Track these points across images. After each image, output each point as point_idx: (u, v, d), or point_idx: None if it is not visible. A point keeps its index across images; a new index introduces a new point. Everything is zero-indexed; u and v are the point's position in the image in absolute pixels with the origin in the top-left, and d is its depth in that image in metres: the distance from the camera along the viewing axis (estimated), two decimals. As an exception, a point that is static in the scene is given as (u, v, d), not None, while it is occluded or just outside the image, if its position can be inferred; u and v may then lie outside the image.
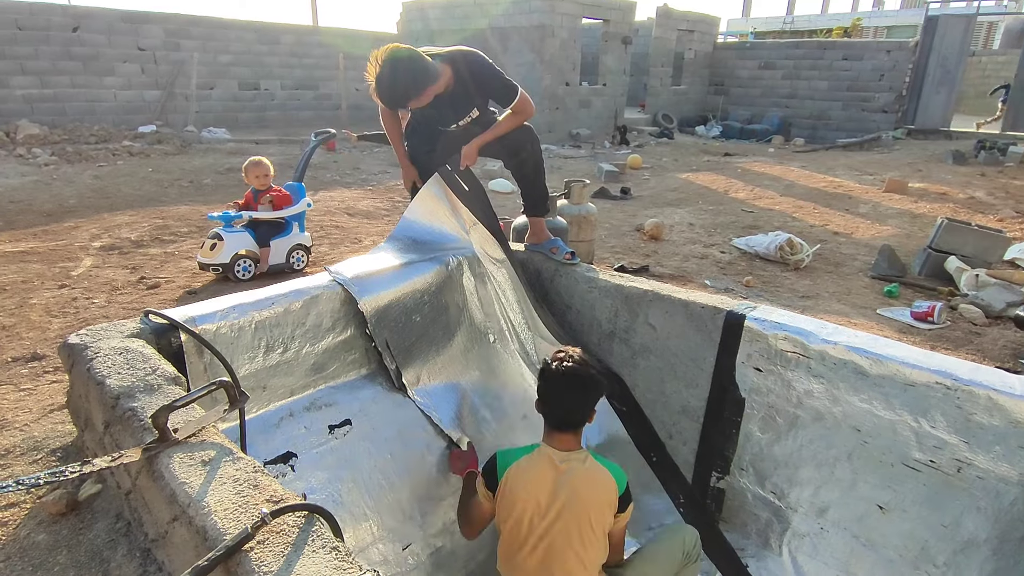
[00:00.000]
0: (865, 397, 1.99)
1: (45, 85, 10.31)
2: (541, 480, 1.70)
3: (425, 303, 2.54)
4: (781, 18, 31.22)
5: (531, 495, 1.69)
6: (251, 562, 1.04)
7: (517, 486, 1.71)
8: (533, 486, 1.70)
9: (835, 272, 5.10)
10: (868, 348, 1.99)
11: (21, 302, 3.51)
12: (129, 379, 1.61)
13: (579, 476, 1.69)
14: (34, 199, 6.25)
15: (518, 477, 1.72)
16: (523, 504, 1.69)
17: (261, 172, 4.23)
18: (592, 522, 1.67)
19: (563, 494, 1.67)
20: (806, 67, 16.12)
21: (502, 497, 1.74)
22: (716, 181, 9.29)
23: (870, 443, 2.00)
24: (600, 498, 1.69)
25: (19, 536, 1.65)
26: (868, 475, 2.01)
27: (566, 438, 1.75)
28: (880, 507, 1.98)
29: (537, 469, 1.72)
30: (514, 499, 1.70)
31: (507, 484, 1.73)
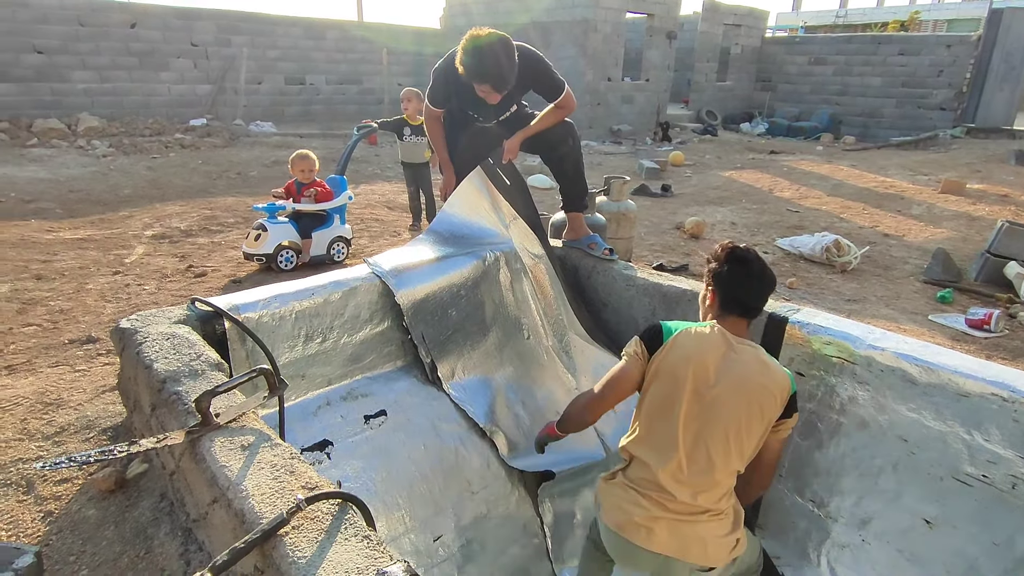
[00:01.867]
0: (914, 406, 1.91)
1: (104, 80, 10.75)
2: (713, 350, 1.58)
3: (461, 297, 2.55)
4: (833, 12, 30.18)
5: (701, 358, 1.57)
6: (286, 546, 1.06)
7: (687, 347, 1.59)
8: (705, 352, 1.58)
9: (884, 275, 4.91)
10: (918, 355, 1.91)
11: (78, 287, 3.67)
12: (175, 364, 1.67)
13: (753, 359, 1.59)
14: (92, 189, 6.52)
15: (689, 339, 1.61)
16: (689, 367, 1.56)
17: (307, 166, 4.33)
18: (761, 409, 1.55)
19: (735, 371, 1.56)
20: (859, 62, 15.54)
21: (664, 357, 1.60)
22: (760, 179, 9.06)
23: (918, 454, 1.92)
24: (772, 387, 1.57)
25: (71, 510, 1.73)
26: (914, 487, 1.93)
27: (739, 325, 1.66)
28: (927, 521, 1.90)
29: (710, 339, 1.61)
30: (679, 362, 1.58)
31: (675, 344, 1.61)
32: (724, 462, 1.54)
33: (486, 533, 2.24)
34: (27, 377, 2.52)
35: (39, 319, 3.17)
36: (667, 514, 1.53)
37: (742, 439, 1.55)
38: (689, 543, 1.52)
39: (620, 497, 1.60)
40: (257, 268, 4.20)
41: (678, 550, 1.52)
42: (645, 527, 1.53)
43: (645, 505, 1.55)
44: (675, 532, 1.53)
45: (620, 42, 12.91)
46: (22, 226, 4.98)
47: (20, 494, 1.79)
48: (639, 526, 1.54)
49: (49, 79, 10.18)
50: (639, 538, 1.53)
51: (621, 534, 1.56)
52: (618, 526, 1.57)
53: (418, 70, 14.88)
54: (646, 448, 1.59)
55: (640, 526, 1.53)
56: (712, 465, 1.54)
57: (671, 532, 1.52)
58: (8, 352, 2.77)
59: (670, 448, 1.55)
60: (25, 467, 1.90)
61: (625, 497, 1.59)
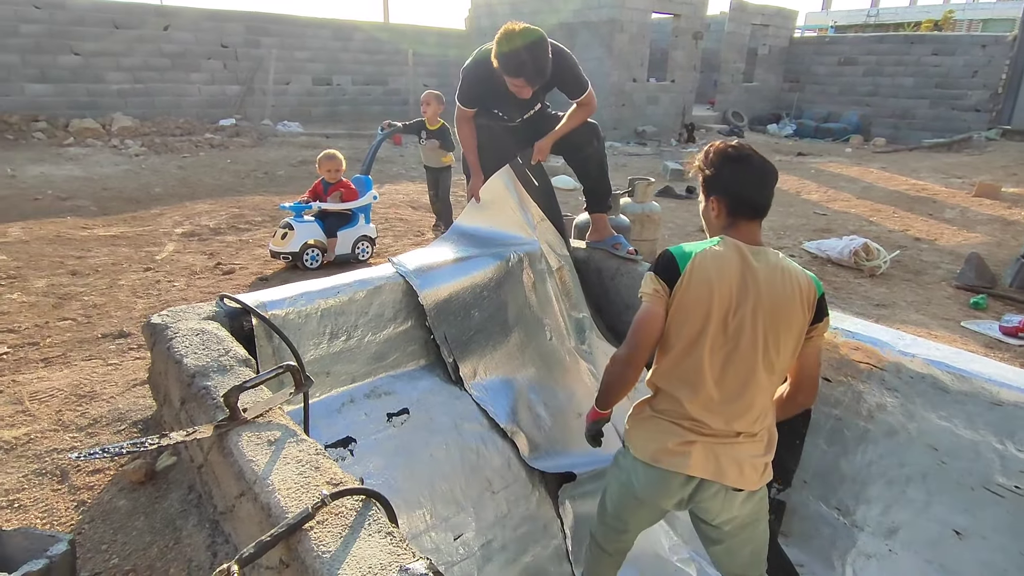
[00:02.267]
0: (944, 414, 1.87)
1: (137, 80, 11.01)
2: (732, 271, 1.50)
3: (484, 298, 2.56)
4: (865, 11, 29.58)
5: (722, 284, 1.49)
6: (311, 541, 1.08)
7: (705, 276, 1.50)
8: (724, 275, 1.49)
9: (915, 280, 4.80)
10: (950, 362, 1.87)
11: (111, 283, 3.77)
12: (204, 359, 1.71)
13: (774, 268, 1.51)
14: (125, 187, 6.68)
15: (705, 265, 1.51)
16: (711, 295, 1.48)
17: (334, 166, 4.39)
18: (789, 322, 1.49)
19: (756, 289, 1.48)
20: (890, 62, 15.23)
21: (684, 290, 1.51)
22: (787, 181, 8.93)
23: (948, 463, 1.88)
24: (796, 295, 1.50)
25: (103, 500, 1.77)
26: (944, 497, 1.89)
27: (752, 229, 1.57)
28: (956, 532, 1.86)
29: (727, 259, 1.51)
30: (700, 291, 1.49)
31: (692, 274, 1.51)
32: (756, 384, 1.50)
33: (506, 533, 2.25)
34: (62, 370, 2.60)
35: (74, 313, 3.26)
36: (702, 438, 1.51)
37: (772, 357, 1.50)
38: (725, 465, 1.50)
39: (651, 430, 1.57)
40: (284, 266, 4.26)
41: (715, 472, 1.50)
42: (681, 452, 1.50)
43: (678, 432, 1.52)
44: (711, 454, 1.50)
45: (646, 42, 12.83)
46: (58, 223, 5.13)
47: (55, 483, 1.85)
48: (674, 452, 1.51)
49: (85, 80, 10.46)
50: (675, 464, 1.51)
51: (657, 465, 1.53)
52: (653, 458, 1.54)
53: (443, 71, 14.96)
54: (673, 381, 1.55)
55: (675, 452, 1.51)
56: (744, 389, 1.50)
57: (707, 455, 1.50)
58: (45, 345, 2.86)
59: (698, 379, 1.51)
60: (60, 457, 1.95)
61: (656, 428, 1.56)
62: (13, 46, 9.73)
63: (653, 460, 1.54)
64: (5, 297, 3.44)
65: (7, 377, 2.52)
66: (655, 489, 1.57)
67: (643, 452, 1.57)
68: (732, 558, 1.67)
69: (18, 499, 1.78)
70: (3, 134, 9.07)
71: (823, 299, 1.58)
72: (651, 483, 1.57)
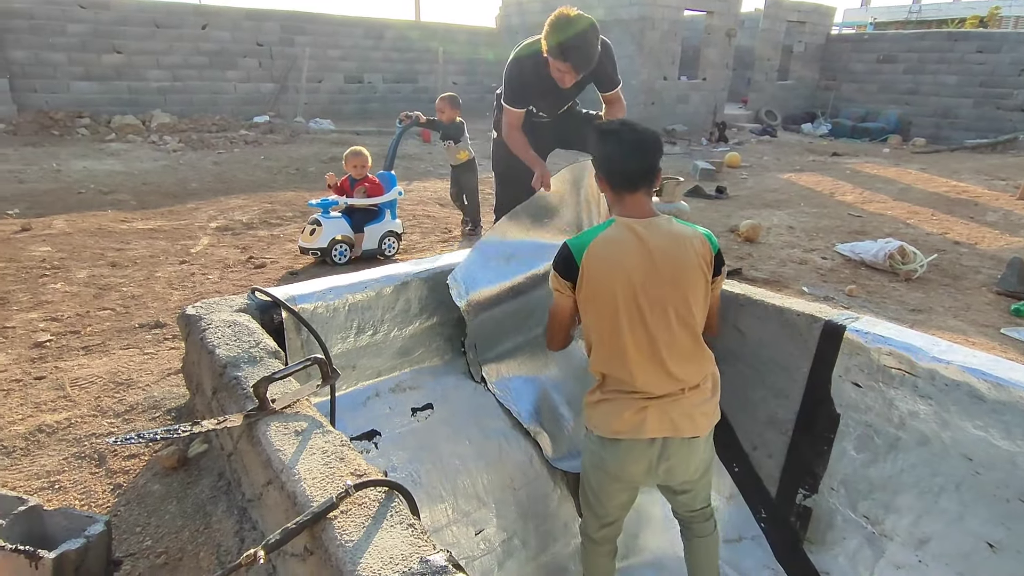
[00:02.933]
0: (980, 424, 1.81)
1: (176, 78, 11.30)
2: (627, 252, 1.57)
3: (511, 300, 2.56)
4: (906, 7, 28.73)
5: (621, 270, 1.56)
6: (334, 530, 1.10)
7: (603, 265, 1.58)
8: (620, 260, 1.57)
9: (953, 285, 4.66)
10: (988, 370, 1.81)
11: (148, 275, 3.88)
12: (235, 350, 1.75)
13: (667, 238, 1.59)
14: (163, 182, 6.87)
15: (600, 255, 1.59)
16: (613, 282, 1.56)
17: (360, 162, 4.44)
18: (694, 284, 1.59)
19: (656, 262, 1.56)
20: (932, 60, 14.76)
21: (586, 283, 1.60)
22: (821, 182, 8.74)
23: (983, 475, 1.83)
24: (694, 259, 1.60)
25: (138, 484, 1.83)
26: (978, 509, 1.84)
27: (638, 200, 1.63)
28: (990, 545, 1.80)
29: (620, 242, 1.59)
30: (601, 280, 1.58)
31: (589, 266, 1.60)
32: (680, 345, 1.62)
33: (527, 530, 2.25)
34: (101, 358, 2.69)
35: (113, 304, 3.37)
36: (651, 402, 1.62)
37: (686, 318, 1.62)
38: (678, 420, 1.63)
39: (606, 409, 1.68)
40: (313, 261, 4.33)
41: (671, 429, 1.63)
42: (637, 420, 1.62)
43: (629, 404, 1.63)
44: (663, 415, 1.62)
45: (677, 40, 12.69)
46: (100, 216, 5.30)
47: (93, 466, 1.92)
48: (630, 422, 1.63)
49: (127, 78, 10.78)
50: (635, 432, 1.63)
51: (619, 437, 1.65)
52: (614, 432, 1.65)
53: (472, 69, 15.02)
54: (609, 363, 1.66)
55: (631, 422, 1.63)
56: (671, 352, 1.61)
57: (660, 416, 1.62)
58: (85, 333, 2.96)
59: (628, 357, 1.61)
60: (98, 442, 2.03)
61: (610, 407, 1.67)
62: (60, 45, 10.08)
63: (615, 434, 1.66)
64: (49, 287, 3.57)
65: (50, 364, 2.62)
66: (623, 460, 1.68)
67: (604, 430, 1.68)
68: (694, 499, 1.84)
69: (59, 481, 1.85)
70: (50, 130, 9.40)
71: (719, 254, 1.70)
72: (618, 455, 1.68)
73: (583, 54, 2.46)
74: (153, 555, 1.58)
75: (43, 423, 2.13)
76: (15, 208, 5.38)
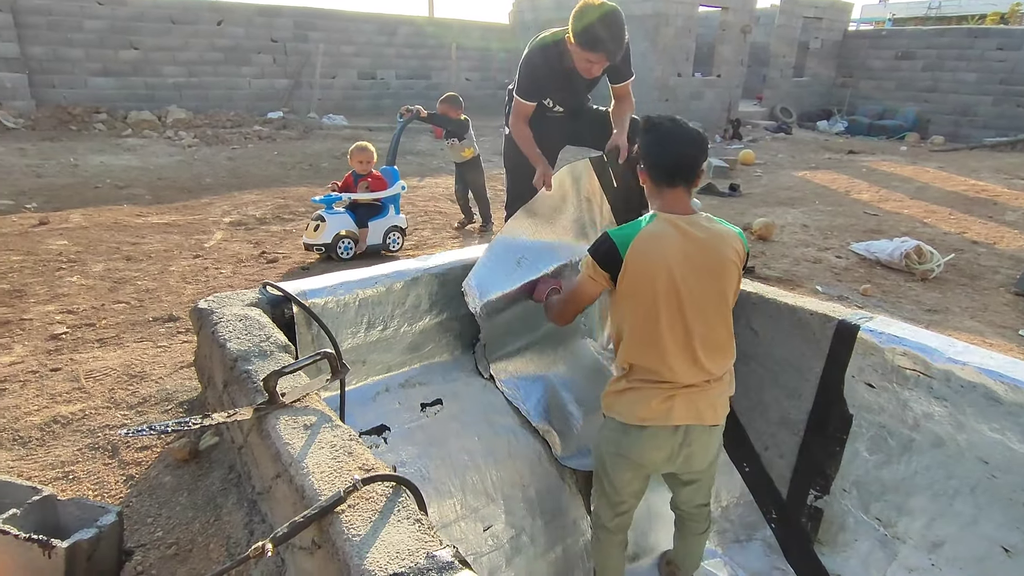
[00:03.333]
0: (997, 427, 1.78)
1: (192, 74, 11.39)
2: (670, 246, 1.62)
3: (522, 301, 2.55)
4: (926, 3, 28.30)
5: (663, 264, 1.61)
6: (342, 524, 1.10)
7: (647, 259, 1.62)
8: (663, 253, 1.62)
9: (970, 285, 4.59)
10: (1005, 372, 1.78)
11: (162, 269, 3.92)
12: (246, 344, 1.76)
13: (708, 234, 1.66)
14: (178, 177, 6.94)
15: (644, 249, 1.63)
16: (656, 276, 1.61)
17: (364, 157, 4.41)
18: (730, 279, 1.67)
19: (697, 255, 1.62)
20: (952, 57, 14.52)
21: (628, 276, 1.64)
22: (836, 180, 8.64)
23: (999, 478, 1.80)
24: (732, 256, 1.67)
25: (150, 476, 1.85)
26: (994, 513, 1.81)
27: (678, 196, 1.68)
28: (1005, 549, 1.78)
29: (663, 236, 1.63)
30: (645, 274, 1.62)
31: (633, 260, 1.63)
32: (714, 339, 1.69)
33: (536, 527, 2.25)
34: (115, 350, 2.72)
35: (127, 297, 3.41)
36: (679, 391, 1.67)
37: (723, 311, 1.69)
38: (702, 409, 1.69)
39: (634, 398, 1.71)
40: (320, 257, 4.35)
41: (695, 417, 1.69)
42: (665, 409, 1.67)
43: (658, 393, 1.67)
44: (690, 403, 1.68)
45: (692, 36, 12.59)
46: (116, 210, 5.36)
47: (106, 457, 1.94)
48: (658, 410, 1.67)
49: (143, 74, 10.89)
50: (662, 419, 1.67)
51: (645, 424, 1.69)
52: (640, 419, 1.69)
53: (485, 65, 15.00)
54: (643, 353, 1.69)
55: (659, 410, 1.67)
56: (704, 346, 1.66)
57: (687, 404, 1.67)
58: (100, 326, 3.00)
59: (663, 349, 1.65)
60: (111, 433, 2.05)
61: (638, 395, 1.70)
62: (78, 41, 10.19)
63: (641, 421, 1.69)
64: (66, 280, 3.62)
65: (65, 355, 2.66)
66: (646, 446, 1.72)
67: (630, 417, 1.71)
68: (699, 491, 1.90)
69: (72, 471, 1.87)
70: (67, 125, 9.52)
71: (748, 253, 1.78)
72: (642, 442, 1.72)
73: (615, 38, 2.43)
74: (164, 546, 1.59)
75: (58, 414, 2.16)
76: (33, 202, 5.46)
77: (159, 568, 1.53)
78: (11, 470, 1.86)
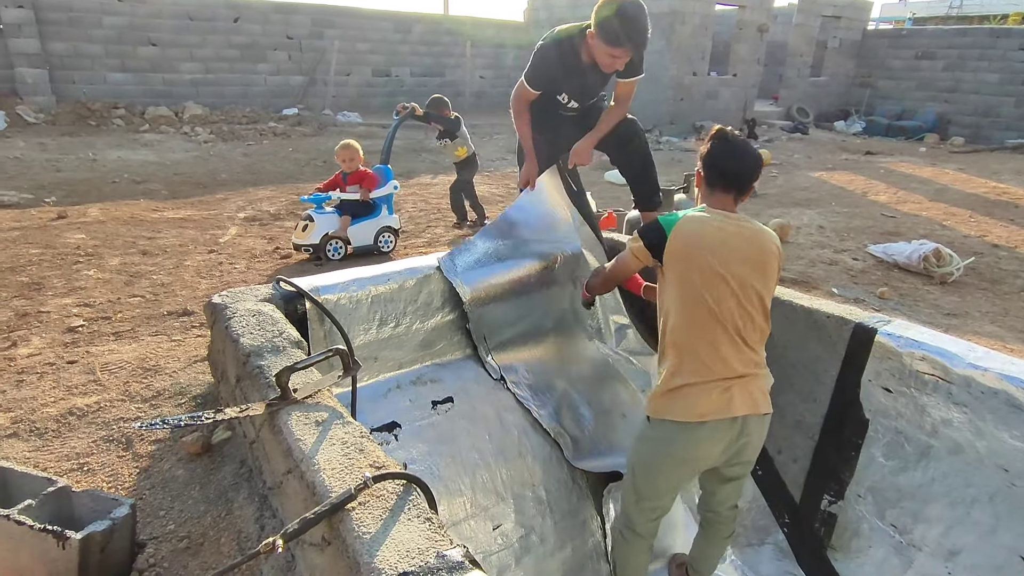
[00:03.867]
0: (1018, 434, 1.75)
1: (208, 71, 11.48)
2: (713, 232, 1.72)
3: (525, 299, 2.55)
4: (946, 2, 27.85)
5: (706, 242, 1.70)
6: (352, 521, 1.10)
7: (690, 238, 1.72)
8: (711, 234, 1.71)
9: (991, 289, 4.51)
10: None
11: (177, 263, 3.95)
12: (259, 339, 1.77)
13: (748, 227, 1.75)
14: (194, 172, 7.00)
15: (692, 227, 1.74)
16: (697, 254, 1.70)
17: (348, 155, 4.33)
18: (771, 269, 1.73)
19: (739, 245, 1.71)
20: (973, 57, 14.28)
21: (672, 251, 1.74)
22: (854, 181, 8.53)
23: (1019, 487, 1.76)
24: (772, 248, 1.75)
25: (163, 469, 1.87)
26: (1013, 522, 1.77)
27: (727, 201, 1.79)
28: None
29: (705, 221, 1.74)
30: (686, 250, 1.72)
31: (681, 235, 1.73)
32: (758, 327, 1.72)
33: (545, 526, 2.24)
34: (131, 344, 2.75)
35: (143, 291, 3.44)
36: (735, 382, 1.68)
37: (763, 298, 1.72)
38: (757, 397, 1.71)
39: (691, 395, 1.69)
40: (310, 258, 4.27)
41: (752, 406, 1.69)
42: (724, 401, 1.66)
43: (715, 387, 1.67)
44: (746, 392, 1.69)
45: (708, 35, 12.48)
46: (132, 205, 5.42)
47: (120, 450, 1.96)
48: (718, 403, 1.66)
49: (161, 70, 10.99)
50: (723, 412, 1.66)
51: (706, 420, 1.67)
52: (700, 415, 1.67)
53: (499, 62, 14.98)
54: (695, 339, 1.71)
55: (719, 403, 1.67)
56: (751, 334, 1.70)
57: (743, 394, 1.68)
58: (116, 320, 3.03)
59: (713, 331, 1.68)
60: (126, 426, 2.07)
61: (696, 392, 1.69)
62: (98, 37, 10.31)
63: (701, 417, 1.67)
64: (83, 273, 3.66)
65: (82, 348, 2.69)
66: (707, 442, 1.71)
67: (690, 415, 1.69)
68: (737, 489, 1.89)
69: (87, 463, 1.89)
70: (86, 120, 9.64)
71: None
72: (700, 440, 1.70)
73: (639, 32, 2.40)
74: (176, 539, 1.60)
75: (74, 406, 2.19)
76: (52, 196, 5.53)
77: (171, 561, 1.54)
78: (27, 460, 1.88)
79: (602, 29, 2.42)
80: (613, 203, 5.82)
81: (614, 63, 2.53)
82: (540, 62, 2.68)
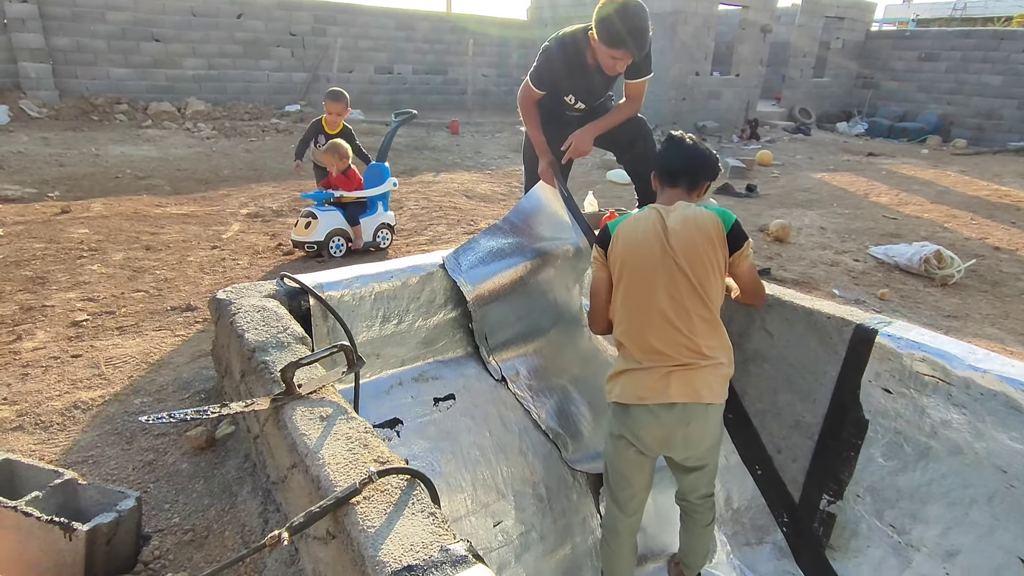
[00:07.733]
0: (1017, 435, 1.76)
1: (211, 67, 11.48)
2: (649, 227, 1.83)
3: (524, 298, 2.56)
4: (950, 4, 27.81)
5: (642, 241, 1.82)
6: (356, 515, 1.11)
7: (627, 237, 1.86)
8: (642, 234, 1.83)
9: (991, 292, 4.52)
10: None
11: (181, 259, 3.97)
12: (264, 335, 1.78)
13: (684, 221, 1.82)
14: (196, 168, 7.01)
15: (629, 225, 1.88)
16: (634, 251, 1.82)
17: (329, 161, 4.33)
18: (707, 257, 1.79)
19: (671, 239, 1.79)
20: (976, 59, 14.27)
21: (615, 252, 1.87)
22: (855, 183, 8.54)
23: (1018, 488, 1.77)
24: (707, 237, 1.80)
25: (167, 463, 1.88)
26: (1012, 523, 1.78)
27: (673, 195, 1.92)
28: (1022, 560, 1.75)
29: (645, 220, 1.87)
30: (625, 249, 1.84)
31: (619, 239, 1.88)
32: (697, 317, 1.77)
33: (545, 524, 2.26)
34: (135, 338, 2.76)
35: (147, 286, 3.45)
36: (674, 370, 1.75)
37: (700, 293, 1.77)
38: (699, 387, 1.75)
39: (631, 378, 1.80)
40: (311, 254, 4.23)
41: (692, 394, 1.74)
42: (661, 385, 1.74)
43: (654, 372, 1.76)
44: (686, 380, 1.75)
45: (710, 35, 12.47)
46: (135, 200, 5.43)
47: (125, 443, 1.97)
48: (655, 388, 1.75)
49: (164, 66, 10.99)
50: (659, 396, 1.74)
51: (642, 403, 1.76)
52: (639, 398, 1.76)
53: (502, 61, 14.98)
54: (633, 330, 1.82)
55: (656, 387, 1.75)
56: (690, 323, 1.76)
57: (682, 382, 1.74)
58: (120, 314, 3.04)
59: (650, 322, 1.78)
60: (130, 420, 2.08)
61: (635, 376, 1.79)
62: (101, 32, 10.31)
63: (639, 400, 1.77)
64: (87, 268, 3.68)
65: (86, 342, 2.70)
66: (646, 425, 1.78)
67: (630, 397, 1.79)
68: (703, 478, 1.93)
69: (92, 456, 1.91)
70: (89, 115, 9.64)
71: (735, 227, 1.87)
72: (641, 421, 1.78)
73: (639, 34, 2.40)
74: (180, 532, 1.62)
75: (79, 400, 2.20)
76: (56, 191, 5.54)
77: (176, 553, 1.55)
78: (33, 453, 1.90)
79: (601, 30, 2.42)
80: (616, 202, 5.83)
81: (616, 64, 2.53)
82: (544, 63, 2.69)
